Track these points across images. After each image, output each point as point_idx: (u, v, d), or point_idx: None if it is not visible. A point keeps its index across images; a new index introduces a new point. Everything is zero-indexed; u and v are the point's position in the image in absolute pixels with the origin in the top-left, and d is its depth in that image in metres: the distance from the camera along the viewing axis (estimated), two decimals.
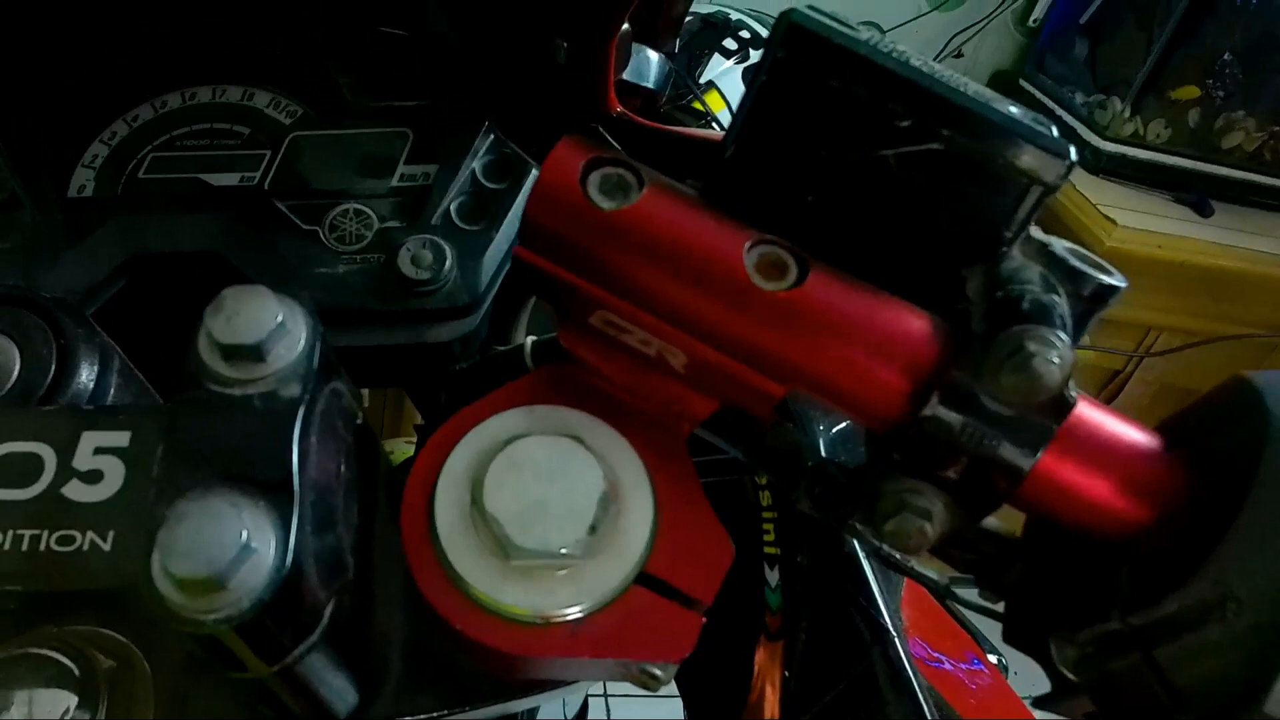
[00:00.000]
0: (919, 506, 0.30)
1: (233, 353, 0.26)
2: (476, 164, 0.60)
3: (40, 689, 0.33)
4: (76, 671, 0.33)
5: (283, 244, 0.57)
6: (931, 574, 0.44)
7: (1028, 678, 0.70)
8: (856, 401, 0.30)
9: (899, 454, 0.30)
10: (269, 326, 0.26)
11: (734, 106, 1.49)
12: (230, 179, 0.59)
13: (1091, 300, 0.31)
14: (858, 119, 0.29)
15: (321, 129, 0.61)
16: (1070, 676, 0.32)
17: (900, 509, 0.30)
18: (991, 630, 0.73)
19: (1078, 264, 0.31)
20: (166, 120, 0.61)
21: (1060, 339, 0.27)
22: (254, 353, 0.26)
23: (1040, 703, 0.34)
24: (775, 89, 0.30)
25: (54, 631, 0.35)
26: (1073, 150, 0.30)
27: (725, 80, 1.50)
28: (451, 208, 0.58)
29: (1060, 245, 0.32)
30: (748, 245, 0.30)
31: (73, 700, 0.33)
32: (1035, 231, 0.32)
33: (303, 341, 0.27)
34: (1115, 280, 0.31)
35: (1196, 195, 1.96)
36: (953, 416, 0.29)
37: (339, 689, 0.32)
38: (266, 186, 0.59)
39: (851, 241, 0.32)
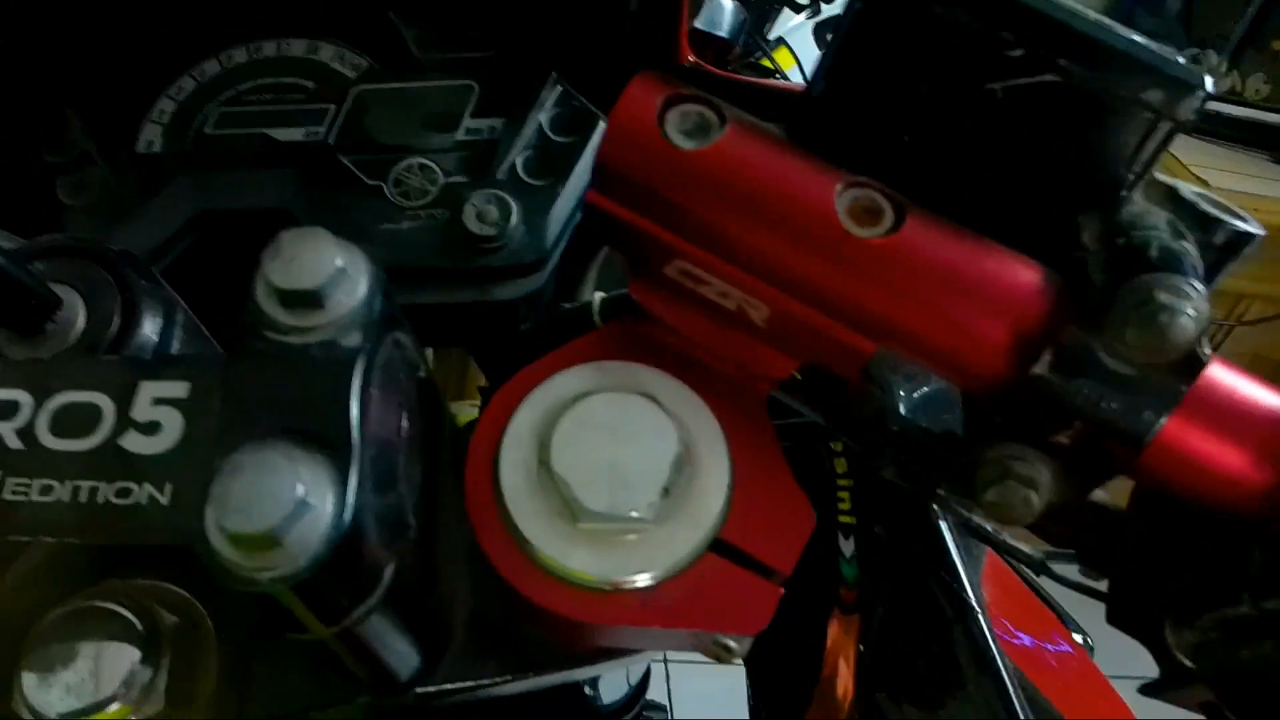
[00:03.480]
0: (1024, 475, 0.27)
1: (291, 299, 0.25)
2: (543, 117, 0.58)
3: (106, 643, 0.32)
4: (140, 627, 0.33)
5: (347, 200, 0.56)
6: (1025, 548, 0.41)
7: (1110, 657, 0.67)
8: (957, 360, 0.28)
9: (1003, 418, 0.28)
10: (328, 271, 0.25)
11: (805, 64, 1.45)
12: (295, 134, 0.59)
13: (1224, 249, 0.28)
14: (963, 49, 0.27)
15: (386, 82, 0.60)
16: (1186, 664, 0.29)
17: (1003, 477, 0.28)
18: (1077, 608, 0.70)
19: (1209, 208, 0.28)
20: (232, 75, 0.61)
21: (1195, 288, 0.24)
22: (313, 299, 0.25)
23: (1149, 690, 0.32)
24: (872, 17, 0.27)
25: (119, 586, 0.34)
26: (1208, 80, 0.27)
27: (795, 36, 1.45)
28: (518, 162, 0.56)
29: (1188, 189, 0.29)
30: (839, 188, 0.28)
31: (136, 655, 0.32)
32: (1159, 174, 0.29)
33: (363, 288, 0.26)
34: (1251, 227, 0.28)
35: None
36: (1067, 376, 0.26)
37: (402, 653, 0.31)
38: (332, 141, 0.58)
39: (952, 186, 0.29)
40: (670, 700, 1.96)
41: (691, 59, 0.58)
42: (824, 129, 0.29)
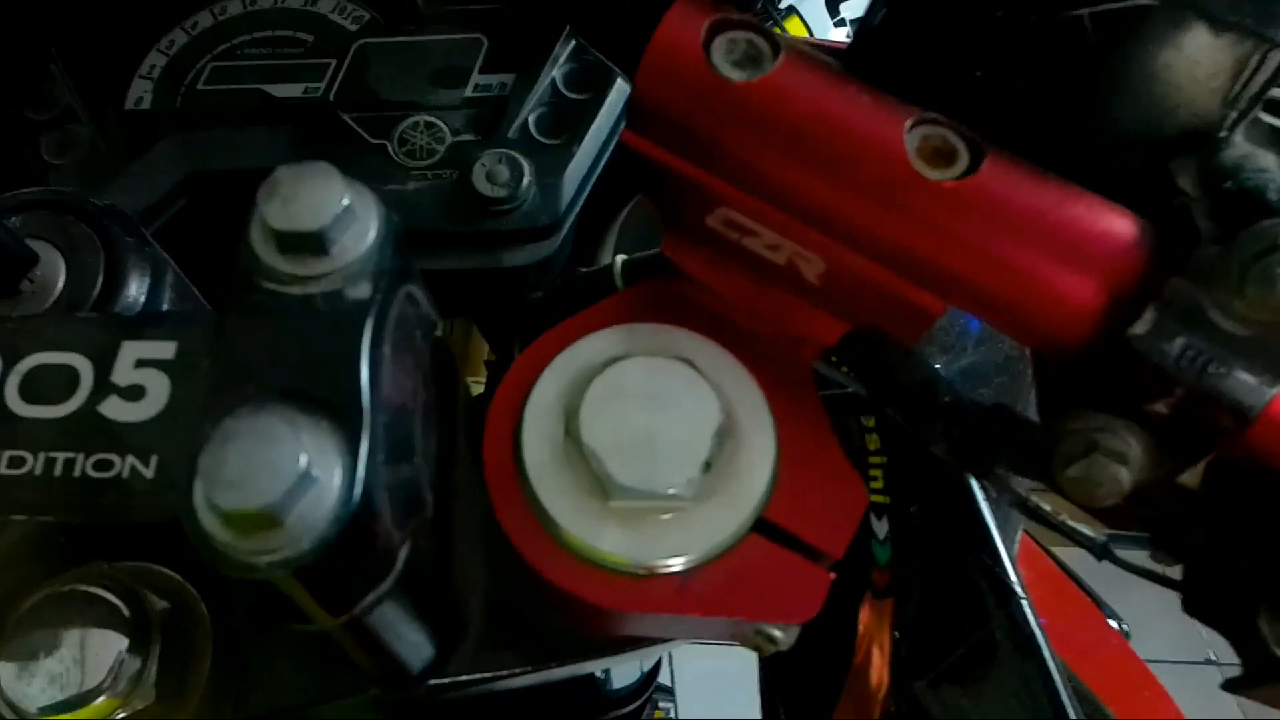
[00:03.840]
0: (1113, 449, 0.25)
1: (291, 243, 0.22)
2: (557, 73, 0.56)
3: (90, 630, 0.30)
4: (127, 613, 0.30)
5: (349, 159, 0.53)
6: (1086, 530, 0.38)
7: (1141, 642, 0.65)
8: (1038, 320, 0.25)
9: (1089, 385, 0.25)
10: (333, 211, 0.22)
11: (816, 34, 1.41)
12: (294, 90, 0.56)
13: None
14: None
15: (390, 36, 0.57)
16: None
17: (1089, 451, 0.25)
18: (1110, 594, 0.67)
19: None
20: (226, 28, 0.58)
21: None
22: (316, 243, 0.22)
23: (1234, 685, 0.29)
24: None
25: (105, 568, 0.32)
26: None
27: (807, 5, 1.41)
28: (530, 120, 0.54)
29: None
30: (909, 125, 0.25)
31: (123, 643, 0.30)
32: (1265, 114, 0.26)
33: (373, 232, 0.23)
34: None
35: None
36: (1170, 336, 0.23)
37: (414, 644, 0.29)
38: (332, 98, 0.56)
39: (1030, 126, 0.26)
40: (673, 681, 1.95)
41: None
42: (886, 62, 0.26)
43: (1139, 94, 0.25)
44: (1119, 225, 0.24)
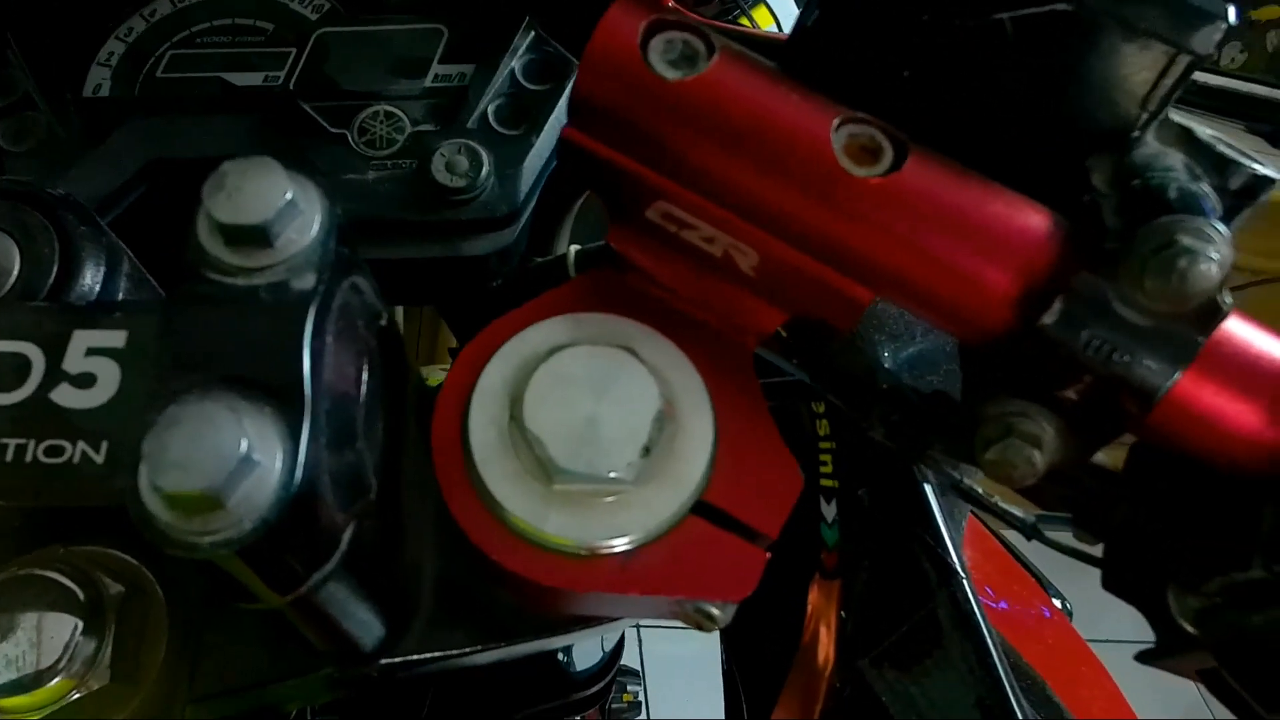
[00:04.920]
0: (1027, 433, 0.26)
1: (236, 235, 0.22)
2: (516, 64, 0.56)
3: (45, 613, 0.30)
4: (81, 596, 0.31)
5: (309, 149, 0.53)
6: (1016, 511, 0.40)
7: (1087, 621, 0.67)
8: (959, 309, 0.26)
9: (1006, 371, 0.26)
10: (277, 205, 0.22)
11: (784, 24, 1.42)
12: (254, 79, 0.56)
13: (1240, 195, 0.26)
14: None
15: (350, 25, 0.57)
16: (1189, 630, 0.28)
17: (1005, 434, 0.26)
18: (1054, 572, 0.69)
19: (1227, 151, 0.26)
20: (185, 15, 0.57)
21: (1219, 232, 0.23)
22: (260, 235, 0.22)
23: (1146, 657, 0.31)
24: None
25: (60, 552, 0.32)
26: (1231, 10, 0.25)
27: None
28: (489, 111, 0.54)
29: (1204, 130, 0.27)
30: (836, 124, 0.26)
31: (78, 625, 0.30)
32: (1174, 114, 0.27)
33: (317, 225, 0.23)
34: (1270, 171, 0.26)
35: (1271, 126, 1.85)
36: (1078, 326, 0.24)
37: (364, 622, 0.29)
38: (292, 87, 0.55)
39: (954, 125, 0.27)
40: (642, 665, 1.97)
41: (672, 2, 0.55)
42: (818, 62, 0.27)
43: (1056, 95, 0.27)
44: (1034, 221, 0.26)
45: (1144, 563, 0.30)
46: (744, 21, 1.40)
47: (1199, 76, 1.79)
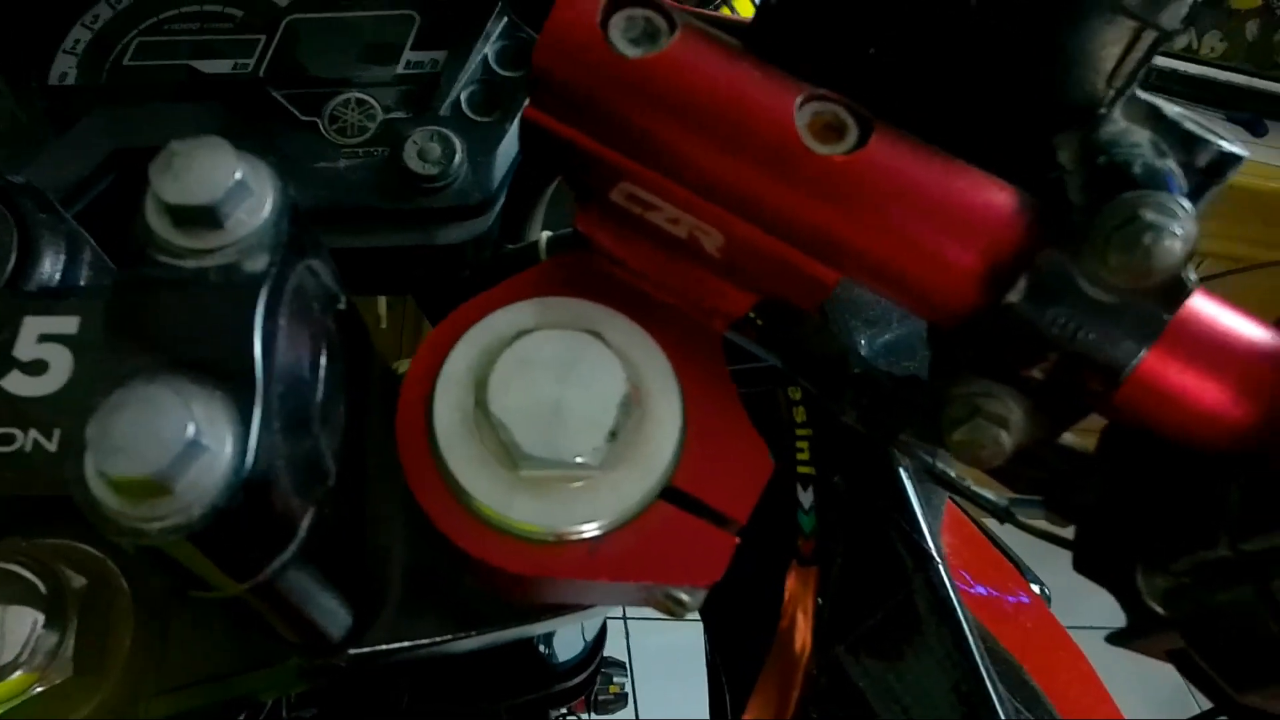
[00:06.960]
0: (994, 413, 0.26)
1: (184, 216, 0.22)
2: (489, 50, 0.55)
3: (5, 606, 0.30)
4: (43, 589, 0.30)
5: (279, 137, 0.52)
6: (989, 495, 0.40)
7: (1066, 606, 0.67)
8: (924, 288, 0.26)
9: (972, 351, 0.26)
10: (226, 185, 0.22)
11: None
12: (223, 66, 0.55)
13: (1208, 172, 0.26)
14: None
15: (320, 11, 0.56)
16: (1157, 610, 0.28)
17: (972, 415, 0.26)
18: (1033, 558, 0.69)
19: (1194, 128, 0.26)
20: (152, 2, 0.57)
21: (1183, 207, 0.22)
22: (209, 216, 0.22)
23: (1116, 639, 0.31)
24: None
25: (21, 545, 0.32)
26: None
27: None
28: (462, 97, 0.53)
29: (1171, 107, 0.27)
30: (799, 101, 0.25)
31: (39, 618, 0.30)
32: (1141, 91, 0.27)
33: (269, 205, 0.23)
34: (1236, 148, 0.26)
35: (1250, 114, 1.86)
36: (1043, 304, 0.24)
37: (330, 611, 0.29)
38: (262, 74, 0.55)
39: (920, 102, 0.27)
40: (630, 656, 1.96)
41: None
42: (782, 39, 0.27)
43: (1022, 71, 0.26)
44: (1000, 198, 0.25)
45: (1113, 543, 0.30)
46: (725, 11, 1.40)
47: (1180, 65, 1.79)
